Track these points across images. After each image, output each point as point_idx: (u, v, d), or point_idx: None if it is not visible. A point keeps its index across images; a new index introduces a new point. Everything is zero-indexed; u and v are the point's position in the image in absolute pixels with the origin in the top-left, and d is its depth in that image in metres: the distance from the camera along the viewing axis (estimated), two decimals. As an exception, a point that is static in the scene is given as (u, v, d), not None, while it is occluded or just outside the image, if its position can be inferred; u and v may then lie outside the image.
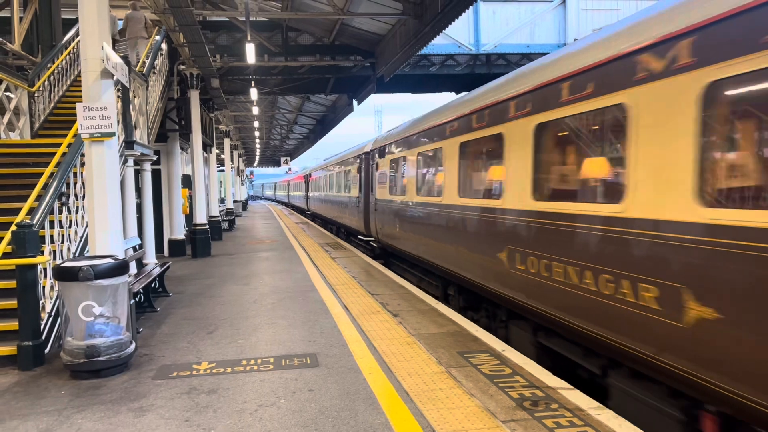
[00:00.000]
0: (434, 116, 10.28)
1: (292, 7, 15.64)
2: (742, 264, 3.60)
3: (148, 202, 12.74)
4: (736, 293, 3.65)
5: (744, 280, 3.59)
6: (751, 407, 3.58)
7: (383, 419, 4.57)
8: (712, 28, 3.88)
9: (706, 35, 3.91)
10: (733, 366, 3.70)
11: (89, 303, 5.84)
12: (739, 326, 3.64)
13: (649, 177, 4.46)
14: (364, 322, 7.77)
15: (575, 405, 4.70)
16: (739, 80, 3.70)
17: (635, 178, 4.61)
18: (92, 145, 6.66)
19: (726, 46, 3.75)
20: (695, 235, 3.97)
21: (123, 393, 5.40)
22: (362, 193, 17.34)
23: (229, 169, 33.92)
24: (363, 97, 21.10)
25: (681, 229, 4.11)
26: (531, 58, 18.90)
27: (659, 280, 4.28)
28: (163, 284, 10.36)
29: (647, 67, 4.47)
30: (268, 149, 63.52)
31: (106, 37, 6.66)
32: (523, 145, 6.54)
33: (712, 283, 3.82)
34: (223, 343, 6.99)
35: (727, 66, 3.74)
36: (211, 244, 16.88)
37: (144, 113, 12.03)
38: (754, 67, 3.55)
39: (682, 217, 4.09)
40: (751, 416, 3.66)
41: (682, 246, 4.08)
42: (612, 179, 5.11)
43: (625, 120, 4.71)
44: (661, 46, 4.33)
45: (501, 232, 7.10)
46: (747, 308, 3.58)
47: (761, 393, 3.49)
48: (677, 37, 4.17)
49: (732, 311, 3.68)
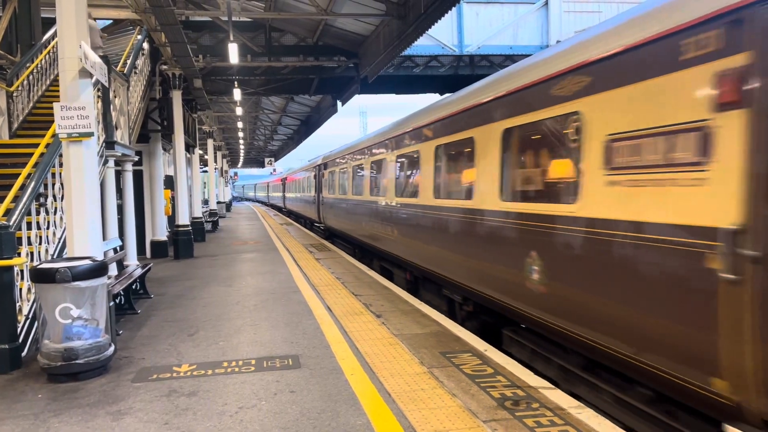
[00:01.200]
0: (345, 149, 17.61)
1: (275, 7, 15.57)
2: (515, 232, 6.30)
3: (130, 203, 12.62)
4: (508, 248, 6.44)
5: (513, 239, 6.33)
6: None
7: (365, 420, 4.56)
8: (503, 99, 6.66)
9: (500, 104, 6.74)
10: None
11: (67, 305, 5.76)
12: (505, 262, 6.53)
13: (482, 182, 7.24)
14: (347, 323, 7.74)
15: (556, 404, 4.71)
16: (515, 128, 6.41)
17: (477, 184, 7.39)
18: (70, 145, 6.57)
19: (509, 108, 6.51)
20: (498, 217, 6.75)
21: (101, 396, 5.33)
22: (316, 193, 23.89)
23: (213, 169, 33.71)
24: (347, 98, 21.08)
25: (492, 213, 6.89)
26: (514, 59, 19.01)
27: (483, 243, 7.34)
28: (145, 286, 10.25)
29: (482, 115, 7.25)
30: (252, 150, 63.23)
31: (84, 36, 6.57)
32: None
33: (502, 242, 6.68)
34: (205, 345, 6.92)
35: (509, 120, 6.47)
36: (193, 246, 16.76)
37: (125, 113, 11.92)
38: (519, 123, 6.26)
39: (495, 207, 6.84)
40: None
41: (492, 223, 6.89)
42: (468, 185, 7.82)
43: (474, 146, 7.44)
44: (485, 105, 7.18)
45: (369, 211, 13.41)
46: (510, 253, 6.37)
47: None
48: (486, 103, 7.15)
49: (504, 258, 6.57)
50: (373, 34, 15.56)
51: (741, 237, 3.43)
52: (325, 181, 21.35)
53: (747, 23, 3.44)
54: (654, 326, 4.13)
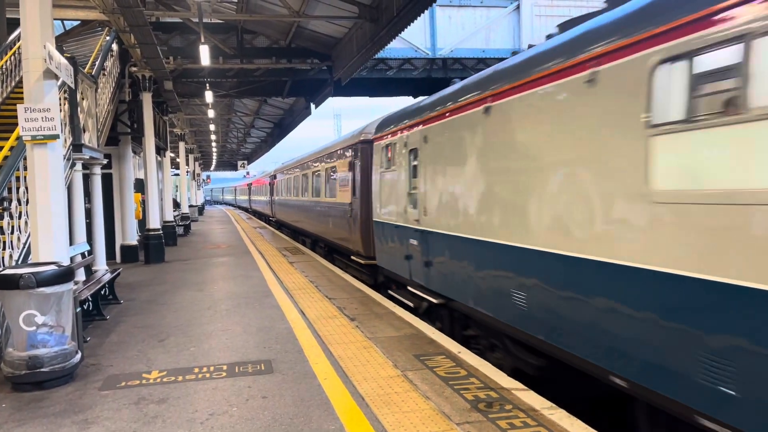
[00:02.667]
0: (283, 166, 28.29)
1: (246, 9, 15.43)
2: (314, 207, 18.23)
3: (98, 207, 12.38)
4: (314, 215, 18.44)
5: (316, 211, 18.12)
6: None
7: (338, 425, 4.51)
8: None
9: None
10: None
11: (31, 312, 5.61)
12: (313, 218, 18.71)
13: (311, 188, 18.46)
14: (321, 326, 7.69)
15: (529, 405, 4.72)
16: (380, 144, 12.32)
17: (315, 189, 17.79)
18: (35, 147, 6.41)
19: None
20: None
21: (67, 405, 5.20)
22: (270, 196, 33.98)
23: (185, 173, 33.31)
24: (320, 101, 21.02)
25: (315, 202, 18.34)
26: (487, 62, 19.15)
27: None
28: (114, 291, 10.05)
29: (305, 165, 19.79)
30: (225, 153, 62.64)
31: (48, 37, 6.42)
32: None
33: (312, 212, 18.95)
34: (175, 351, 6.81)
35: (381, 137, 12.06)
36: (164, 250, 16.52)
37: (93, 116, 11.70)
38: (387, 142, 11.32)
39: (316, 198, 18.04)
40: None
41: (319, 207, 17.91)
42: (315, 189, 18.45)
43: (314, 173, 18.42)
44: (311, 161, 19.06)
45: (295, 205, 22.80)
46: (314, 216, 18.53)
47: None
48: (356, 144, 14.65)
49: (313, 217, 18.67)
50: (346, 36, 15.53)
51: (351, 206, 13.01)
52: (275, 187, 31.26)
53: (359, 148, 12.51)
54: (335, 232, 14.90)
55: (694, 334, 3.59)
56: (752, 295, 3.20)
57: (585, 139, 4.68)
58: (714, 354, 3.43)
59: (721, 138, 3.47)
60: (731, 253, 3.36)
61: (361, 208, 12.30)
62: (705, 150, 3.60)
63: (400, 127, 9.58)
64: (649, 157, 3.95)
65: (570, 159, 4.91)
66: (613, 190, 4.34)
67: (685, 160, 3.78)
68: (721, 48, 3.40)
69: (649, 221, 3.97)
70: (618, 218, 4.32)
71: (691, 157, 3.71)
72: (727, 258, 3.38)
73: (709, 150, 3.57)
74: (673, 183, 3.80)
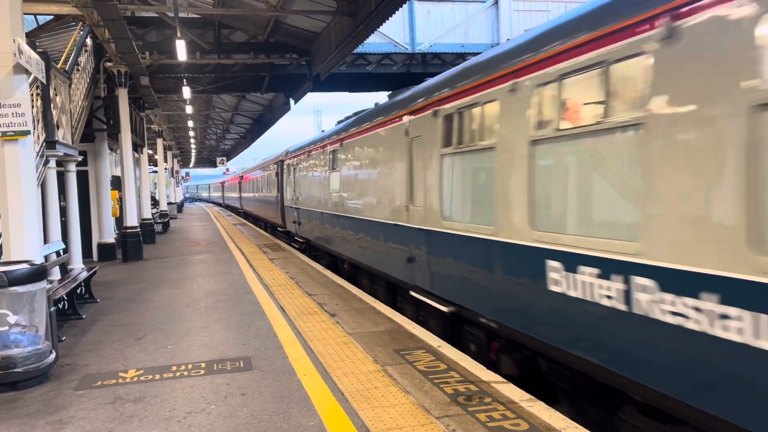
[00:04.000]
0: (249, 168, 38.76)
1: (223, 3, 15.27)
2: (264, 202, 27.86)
3: (74, 205, 12.18)
4: (263, 205, 28.68)
5: (267, 204, 27.56)
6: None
7: (317, 421, 4.49)
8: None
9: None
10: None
11: (3, 312, 5.50)
12: (259, 208, 30.53)
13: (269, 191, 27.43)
14: (301, 323, 7.65)
15: (508, 398, 4.74)
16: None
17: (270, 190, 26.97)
18: (5, 144, 6.27)
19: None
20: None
21: (42, 405, 5.11)
22: (239, 193, 43.23)
23: (163, 170, 32.95)
24: (299, 96, 20.87)
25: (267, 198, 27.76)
26: (465, 57, 19.16)
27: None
28: (90, 290, 9.91)
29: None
30: (204, 149, 62.05)
31: (18, 31, 6.28)
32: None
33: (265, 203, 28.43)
34: (153, 349, 6.73)
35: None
36: (143, 248, 16.32)
37: (67, 112, 11.51)
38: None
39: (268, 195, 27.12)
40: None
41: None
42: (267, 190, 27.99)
43: (261, 180, 27.99)
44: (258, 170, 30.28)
45: (258, 200, 31.50)
46: (261, 206, 30.17)
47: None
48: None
49: (261, 206, 30.00)
50: (325, 31, 15.43)
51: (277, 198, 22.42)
52: (243, 185, 40.22)
53: (279, 163, 21.85)
54: (266, 212, 26.97)
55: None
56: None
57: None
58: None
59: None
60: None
61: (281, 199, 21.24)
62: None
63: (290, 156, 19.06)
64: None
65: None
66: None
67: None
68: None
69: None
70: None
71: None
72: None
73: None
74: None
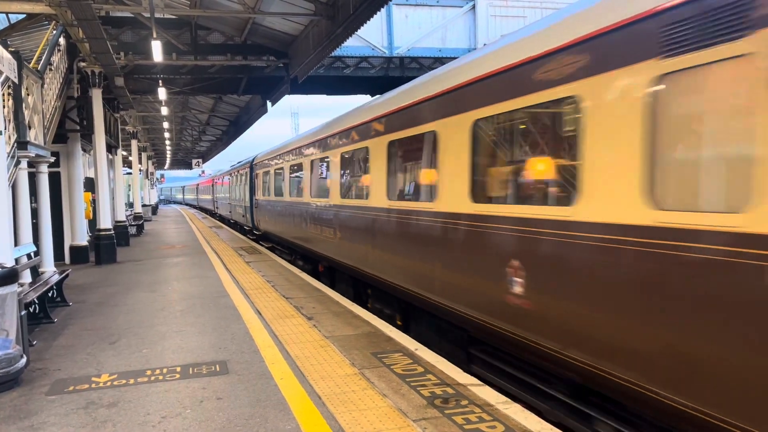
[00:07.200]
0: (223, 173, 39.13)
1: (200, 4, 15.15)
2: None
3: (45, 207, 11.97)
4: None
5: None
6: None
7: (294, 425, 4.47)
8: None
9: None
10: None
11: (-28, 316, 5.39)
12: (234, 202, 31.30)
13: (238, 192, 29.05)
14: (278, 326, 7.61)
15: (484, 401, 4.78)
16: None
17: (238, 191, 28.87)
18: (-24, 144, 6.15)
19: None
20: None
21: (12, 411, 5.00)
22: (213, 195, 44.52)
23: (137, 171, 32.52)
24: (277, 98, 20.78)
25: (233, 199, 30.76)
26: (443, 61, 19.28)
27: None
28: (62, 293, 9.73)
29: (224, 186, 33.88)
30: (179, 151, 61.41)
31: (-10, 29, 6.18)
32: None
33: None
34: (127, 354, 6.64)
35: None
36: (116, 250, 16.09)
37: (39, 112, 11.31)
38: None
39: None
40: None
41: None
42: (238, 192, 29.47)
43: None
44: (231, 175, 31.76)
45: (229, 201, 33.10)
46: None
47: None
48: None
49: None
50: (303, 33, 15.41)
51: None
52: (217, 189, 41.69)
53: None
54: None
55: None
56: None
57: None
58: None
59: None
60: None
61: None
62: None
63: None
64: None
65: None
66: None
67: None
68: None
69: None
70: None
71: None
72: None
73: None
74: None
